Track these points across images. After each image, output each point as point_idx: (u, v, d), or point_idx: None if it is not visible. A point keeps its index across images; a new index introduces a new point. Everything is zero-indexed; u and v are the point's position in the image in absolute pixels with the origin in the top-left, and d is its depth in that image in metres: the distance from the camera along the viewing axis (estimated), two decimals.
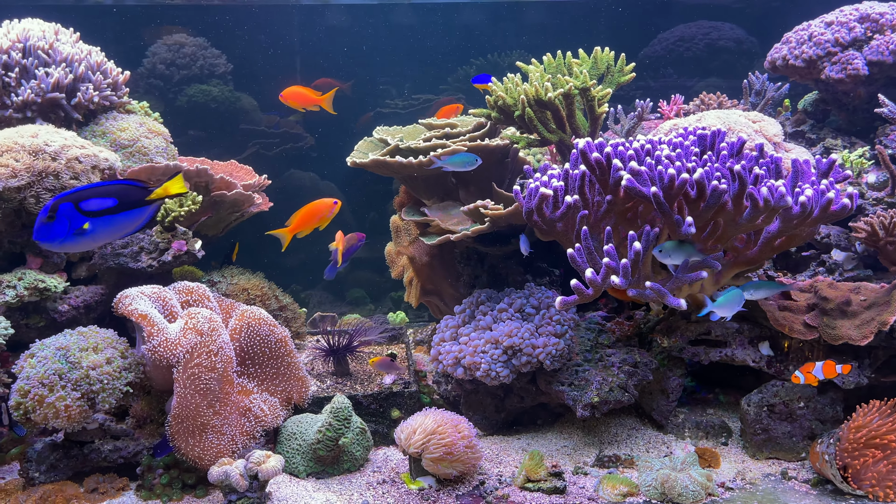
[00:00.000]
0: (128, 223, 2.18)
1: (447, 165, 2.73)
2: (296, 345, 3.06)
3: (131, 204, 2.15)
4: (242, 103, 4.61)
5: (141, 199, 2.17)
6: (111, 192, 2.13)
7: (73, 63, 3.13)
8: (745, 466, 2.52)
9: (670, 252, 2.17)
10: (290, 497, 2.36)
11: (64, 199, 2.07)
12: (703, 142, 2.45)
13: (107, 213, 2.12)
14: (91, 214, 2.09)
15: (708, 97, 3.82)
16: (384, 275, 3.94)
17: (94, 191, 2.11)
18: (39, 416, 2.21)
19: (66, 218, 2.07)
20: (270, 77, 4.65)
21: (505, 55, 4.76)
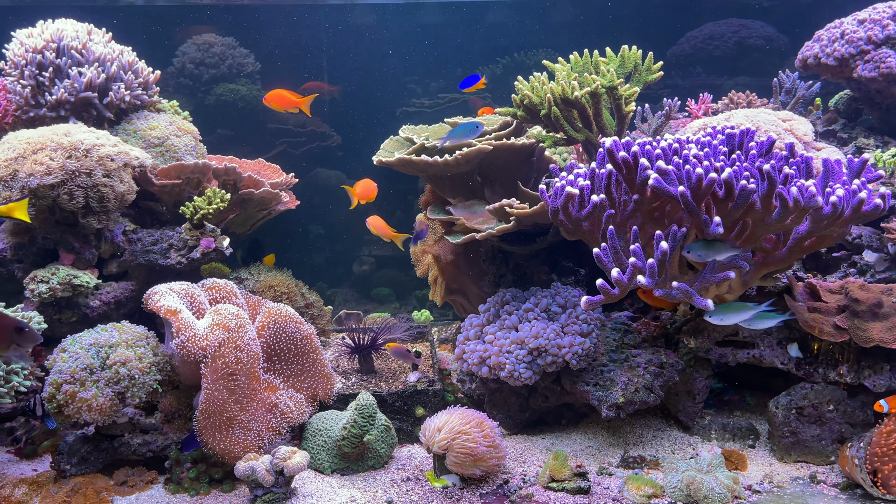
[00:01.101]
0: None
1: (450, 140, 2.75)
2: (322, 342, 3.08)
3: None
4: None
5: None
6: None
7: (105, 63, 3.19)
8: (772, 469, 2.49)
9: (699, 250, 2.14)
10: (315, 493, 2.38)
11: None
12: (731, 141, 2.43)
13: None
14: None
15: (737, 96, 3.77)
16: (409, 273, 3.96)
17: None
18: (72, 409, 2.25)
19: None
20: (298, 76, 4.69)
21: (531, 54, 4.75)
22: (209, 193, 2.97)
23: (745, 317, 2.25)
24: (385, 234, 3.04)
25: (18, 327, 1.94)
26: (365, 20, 4.70)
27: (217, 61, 4.51)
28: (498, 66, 4.78)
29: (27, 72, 3.10)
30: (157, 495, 2.38)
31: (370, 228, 3.06)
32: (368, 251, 4.90)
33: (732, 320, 2.26)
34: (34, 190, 2.63)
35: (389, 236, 3.05)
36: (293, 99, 3.27)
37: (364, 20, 4.70)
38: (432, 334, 3.48)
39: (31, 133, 2.76)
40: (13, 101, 3.15)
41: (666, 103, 3.52)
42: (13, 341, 1.94)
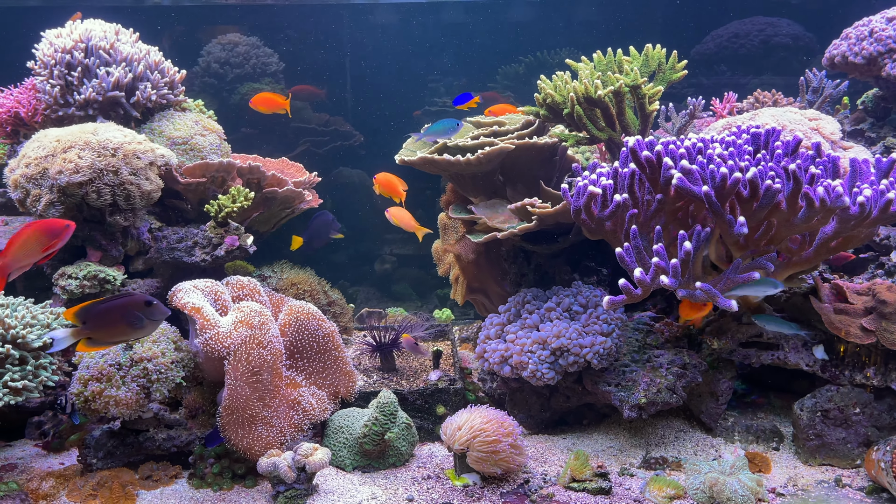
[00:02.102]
0: None
1: (427, 136, 2.78)
2: (343, 340, 3.10)
3: None
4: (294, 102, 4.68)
5: None
6: None
7: (132, 62, 3.23)
8: (796, 472, 2.46)
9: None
10: (336, 489, 2.39)
11: None
12: (756, 140, 2.40)
13: None
14: None
15: (763, 95, 3.73)
16: (431, 272, 3.97)
17: None
18: (98, 404, 2.29)
19: None
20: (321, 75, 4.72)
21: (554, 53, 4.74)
22: (233, 192, 3.00)
23: (786, 329, 2.44)
24: (409, 225, 3.04)
25: (147, 301, 2.01)
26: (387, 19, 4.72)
27: (241, 61, 4.55)
28: (521, 64, 4.77)
29: (56, 71, 3.15)
30: (180, 490, 2.41)
31: (392, 220, 3.06)
32: (390, 250, 4.92)
33: (773, 328, 2.45)
34: (63, 188, 2.67)
35: (413, 227, 3.05)
36: (279, 101, 3.36)
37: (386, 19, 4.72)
38: (453, 333, 3.49)
39: (61, 132, 2.80)
40: (43, 100, 3.20)
41: (690, 102, 3.49)
42: (145, 316, 2.01)
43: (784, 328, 2.44)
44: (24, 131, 3.28)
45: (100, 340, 2.00)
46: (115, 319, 1.98)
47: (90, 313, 1.96)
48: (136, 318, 2.00)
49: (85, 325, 1.96)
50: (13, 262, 2.10)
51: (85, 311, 1.95)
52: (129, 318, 2.00)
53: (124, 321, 1.99)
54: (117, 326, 1.99)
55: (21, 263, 2.12)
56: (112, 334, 2.00)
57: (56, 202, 2.71)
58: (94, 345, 2.00)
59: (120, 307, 1.99)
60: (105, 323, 1.98)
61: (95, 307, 1.96)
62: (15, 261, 2.11)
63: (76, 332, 1.95)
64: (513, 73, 4.78)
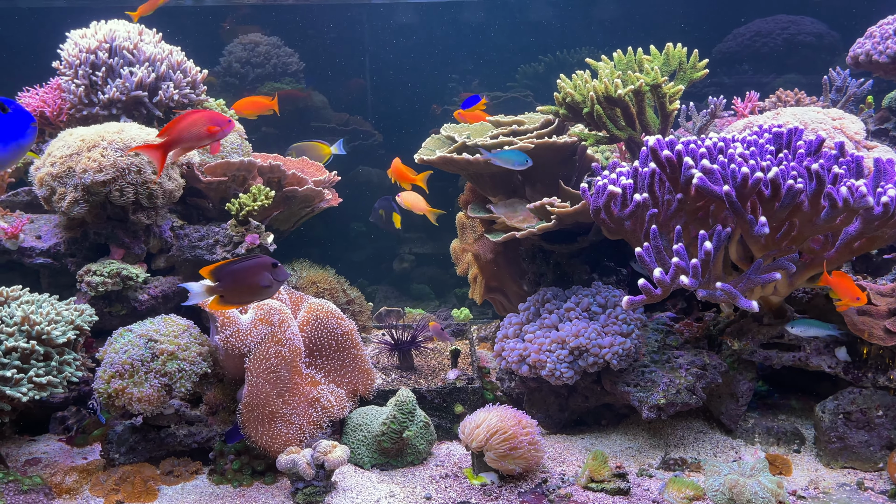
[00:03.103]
0: None
1: (496, 160, 2.74)
2: (362, 338, 3.11)
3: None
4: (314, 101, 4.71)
5: None
6: None
7: (155, 62, 3.26)
8: (818, 475, 2.44)
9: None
10: (354, 487, 2.41)
11: None
12: (778, 140, 2.38)
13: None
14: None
15: (785, 94, 3.70)
16: (449, 271, 3.97)
17: None
18: (121, 400, 2.32)
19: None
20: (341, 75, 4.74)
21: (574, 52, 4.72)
22: (254, 190, 3.03)
23: (823, 332, 2.45)
24: (420, 208, 3.04)
25: (273, 263, 2.11)
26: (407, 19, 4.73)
27: (262, 60, 4.59)
28: (540, 64, 4.76)
29: (81, 71, 3.19)
30: (201, 485, 2.43)
31: (403, 204, 3.06)
32: (409, 249, 4.93)
33: (812, 333, 2.46)
34: (87, 186, 2.71)
35: (424, 210, 3.04)
36: (264, 102, 3.37)
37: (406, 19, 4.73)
38: (471, 332, 3.49)
39: (85, 131, 2.84)
40: (68, 99, 3.24)
41: (711, 101, 3.47)
42: (272, 277, 2.11)
43: (820, 331, 2.45)
44: (49, 130, 3.32)
45: (230, 299, 2.11)
46: (245, 278, 2.10)
47: (223, 272, 2.08)
48: (265, 277, 2.10)
49: (218, 284, 2.07)
50: (177, 141, 2.21)
51: (219, 269, 2.07)
52: (259, 277, 2.10)
53: (254, 280, 2.10)
54: (247, 285, 2.10)
55: (185, 144, 2.22)
56: (241, 293, 2.12)
57: (80, 200, 2.74)
58: (224, 303, 2.11)
59: (250, 267, 2.10)
60: (236, 281, 2.09)
61: (229, 266, 2.09)
62: (179, 139, 2.21)
63: (210, 289, 2.07)
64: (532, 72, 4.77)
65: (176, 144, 2.21)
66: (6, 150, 1.93)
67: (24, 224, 2.96)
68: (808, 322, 2.46)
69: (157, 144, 2.22)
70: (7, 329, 2.30)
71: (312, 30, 4.71)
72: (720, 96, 3.47)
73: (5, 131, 1.91)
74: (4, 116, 1.91)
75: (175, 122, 2.19)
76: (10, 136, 1.92)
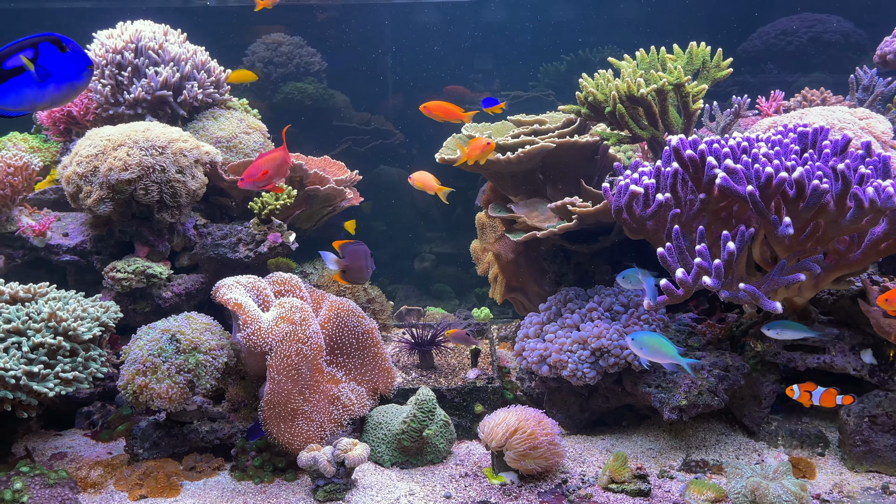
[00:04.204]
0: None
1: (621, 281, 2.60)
2: (383, 337, 3.13)
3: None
4: (336, 100, 4.73)
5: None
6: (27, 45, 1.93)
7: (180, 62, 3.30)
8: (842, 479, 2.41)
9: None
10: (374, 485, 2.42)
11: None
12: (803, 139, 2.36)
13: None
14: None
15: (811, 93, 3.65)
16: (469, 271, 3.97)
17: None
18: (144, 396, 2.34)
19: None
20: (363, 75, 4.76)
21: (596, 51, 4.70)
22: None
23: (799, 334, 2.38)
24: (431, 186, 3.02)
25: (371, 253, 2.43)
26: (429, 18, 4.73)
27: (285, 60, 4.62)
28: (563, 63, 4.75)
29: (107, 71, 3.23)
30: (223, 481, 2.45)
31: (415, 184, 3.04)
32: (429, 248, 4.94)
33: (787, 336, 2.39)
34: (113, 185, 2.75)
35: (435, 189, 3.03)
36: (457, 112, 3.29)
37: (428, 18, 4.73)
38: (492, 332, 3.49)
39: (111, 130, 2.88)
40: (94, 99, 3.29)
41: (735, 101, 3.43)
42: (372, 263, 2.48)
43: (796, 333, 2.41)
44: (76, 129, 3.37)
45: (347, 276, 2.52)
46: (360, 258, 2.47)
47: (347, 249, 2.46)
48: (370, 263, 2.44)
49: (343, 258, 2.46)
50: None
51: (343, 246, 2.46)
52: (367, 260, 2.49)
53: (364, 263, 2.48)
54: (360, 265, 2.47)
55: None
56: (355, 272, 2.51)
57: (106, 198, 2.78)
58: (344, 278, 2.53)
59: (363, 249, 2.51)
60: (354, 260, 2.43)
61: (350, 245, 2.46)
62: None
63: (338, 261, 2.49)
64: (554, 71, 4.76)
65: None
66: (59, 89, 1.93)
67: (52, 222, 3.01)
68: (783, 323, 2.43)
69: None
70: (34, 325, 2.34)
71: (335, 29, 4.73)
72: (744, 95, 3.44)
73: (61, 70, 1.92)
74: (62, 55, 1.91)
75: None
76: (65, 76, 1.93)
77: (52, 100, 1.95)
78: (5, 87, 1.88)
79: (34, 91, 1.91)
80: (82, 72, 1.95)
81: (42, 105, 1.96)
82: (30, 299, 2.50)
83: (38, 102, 1.94)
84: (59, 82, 1.92)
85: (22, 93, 1.90)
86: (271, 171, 2.53)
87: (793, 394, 2.34)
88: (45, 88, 1.92)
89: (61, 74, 1.92)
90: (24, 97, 1.91)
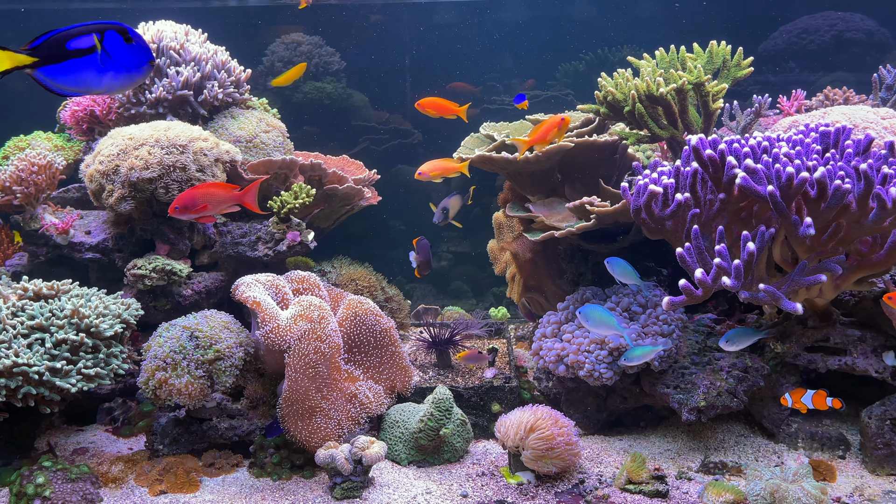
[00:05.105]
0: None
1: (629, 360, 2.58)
2: (400, 335, 3.13)
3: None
4: (354, 100, 4.75)
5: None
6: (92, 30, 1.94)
7: (200, 62, 3.33)
8: (863, 482, 2.38)
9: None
10: (391, 483, 2.42)
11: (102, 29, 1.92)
12: (825, 139, 2.33)
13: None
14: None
15: (833, 92, 3.62)
16: (486, 270, 3.97)
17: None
18: (164, 393, 2.37)
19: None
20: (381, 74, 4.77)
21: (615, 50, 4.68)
22: (296, 188, 3.07)
23: (753, 338, 2.45)
24: (448, 169, 2.98)
25: None
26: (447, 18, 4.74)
27: (304, 59, 4.64)
28: (581, 62, 4.73)
29: None
30: (241, 478, 2.47)
31: (429, 175, 3.00)
32: (447, 247, 4.94)
33: (742, 345, 2.44)
34: (134, 183, 2.78)
35: (454, 169, 2.98)
36: (452, 107, 3.27)
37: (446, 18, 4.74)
38: (509, 331, 3.49)
39: (133, 129, 2.91)
40: (116, 98, 3.33)
41: (756, 100, 3.41)
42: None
43: (749, 338, 2.45)
44: (98, 128, 3.42)
45: (420, 269, 2.87)
46: (424, 249, 2.83)
47: (419, 245, 2.84)
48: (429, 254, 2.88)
49: (417, 253, 2.86)
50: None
51: (416, 243, 2.86)
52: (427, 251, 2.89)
53: (426, 252, 2.86)
54: (428, 258, 2.84)
55: None
56: (423, 266, 2.88)
57: (127, 197, 2.81)
58: (419, 271, 2.88)
59: (427, 244, 2.90)
60: (424, 253, 2.82)
61: (421, 240, 2.87)
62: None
63: (416, 257, 2.88)
64: (573, 70, 4.74)
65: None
66: (116, 78, 1.95)
67: (74, 220, 3.05)
68: (736, 332, 2.46)
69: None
70: (57, 322, 2.37)
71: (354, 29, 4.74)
72: (765, 95, 3.41)
73: (122, 60, 1.93)
74: (126, 46, 1.93)
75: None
76: (125, 67, 1.95)
77: (107, 87, 1.97)
78: (64, 66, 1.89)
79: (93, 75, 1.93)
80: (142, 66, 1.97)
81: (96, 90, 1.98)
82: (53, 296, 2.54)
83: (93, 87, 1.95)
84: (118, 71, 1.94)
85: (80, 74, 1.91)
86: (211, 207, 2.45)
87: (786, 402, 2.38)
88: (104, 75, 1.93)
89: (122, 64, 1.94)
90: (81, 79, 1.92)
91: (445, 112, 3.09)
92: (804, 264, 2.12)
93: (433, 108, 3.08)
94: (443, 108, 3.10)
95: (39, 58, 1.87)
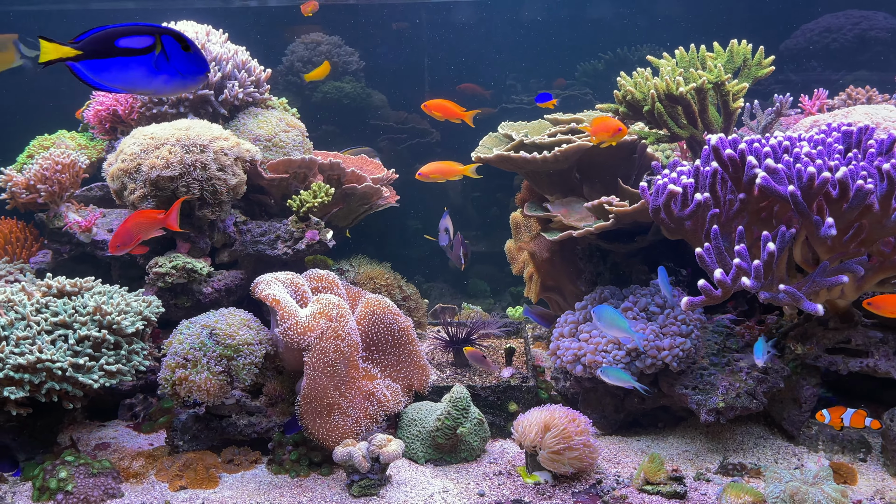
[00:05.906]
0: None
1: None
2: (418, 334, 3.14)
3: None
4: (373, 100, 4.77)
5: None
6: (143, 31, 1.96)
7: (221, 62, 3.36)
8: (884, 485, 2.36)
9: None
10: (409, 481, 2.43)
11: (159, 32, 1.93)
12: (848, 139, 2.31)
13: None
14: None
15: (856, 91, 3.58)
16: (504, 270, 3.97)
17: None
18: (184, 389, 2.39)
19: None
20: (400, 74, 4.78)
21: (635, 49, 4.66)
22: (314, 187, 3.09)
23: (626, 382, 2.44)
24: (451, 171, 2.98)
25: None
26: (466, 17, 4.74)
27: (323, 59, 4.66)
28: (600, 61, 4.72)
29: None
30: (260, 474, 2.49)
31: (430, 177, 3.00)
32: None
33: (618, 381, 2.46)
34: (155, 182, 2.81)
35: (456, 171, 2.98)
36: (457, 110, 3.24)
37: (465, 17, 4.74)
38: (526, 331, 3.49)
39: (155, 129, 2.94)
40: (139, 98, 3.37)
41: (777, 99, 3.38)
42: None
43: (623, 381, 2.45)
44: (121, 128, 3.46)
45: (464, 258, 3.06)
46: (459, 245, 3.02)
47: (454, 241, 3.02)
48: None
49: (452, 249, 3.04)
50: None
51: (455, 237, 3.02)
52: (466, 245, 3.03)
53: (465, 246, 3.04)
54: (459, 253, 3.03)
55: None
56: (456, 259, 3.09)
57: (149, 195, 2.84)
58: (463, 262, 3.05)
59: (461, 238, 3.06)
60: (459, 247, 2.99)
61: (456, 236, 3.04)
62: None
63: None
64: (592, 69, 4.73)
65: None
66: (168, 83, 1.98)
67: (97, 218, 3.09)
68: (614, 369, 2.49)
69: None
70: (80, 318, 2.40)
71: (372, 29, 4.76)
72: (787, 94, 3.38)
73: (178, 66, 1.96)
74: (184, 54, 1.96)
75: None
76: (180, 73, 1.97)
77: (157, 89, 1.99)
78: (112, 62, 1.91)
79: (142, 75, 1.95)
80: (198, 75, 2.00)
81: (143, 90, 2.00)
82: (76, 293, 2.57)
83: (138, 87, 1.98)
84: (172, 76, 1.97)
85: (129, 73, 1.94)
86: (143, 236, 2.48)
87: (823, 419, 2.35)
88: (156, 77, 1.96)
89: (177, 70, 1.97)
90: (128, 77, 1.94)
91: (451, 115, 3.08)
92: (825, 265, 2.10)
93: (439, 110, 3.08)
94: (449, 112, 3.09)
95: (84, 52, 1.90)
